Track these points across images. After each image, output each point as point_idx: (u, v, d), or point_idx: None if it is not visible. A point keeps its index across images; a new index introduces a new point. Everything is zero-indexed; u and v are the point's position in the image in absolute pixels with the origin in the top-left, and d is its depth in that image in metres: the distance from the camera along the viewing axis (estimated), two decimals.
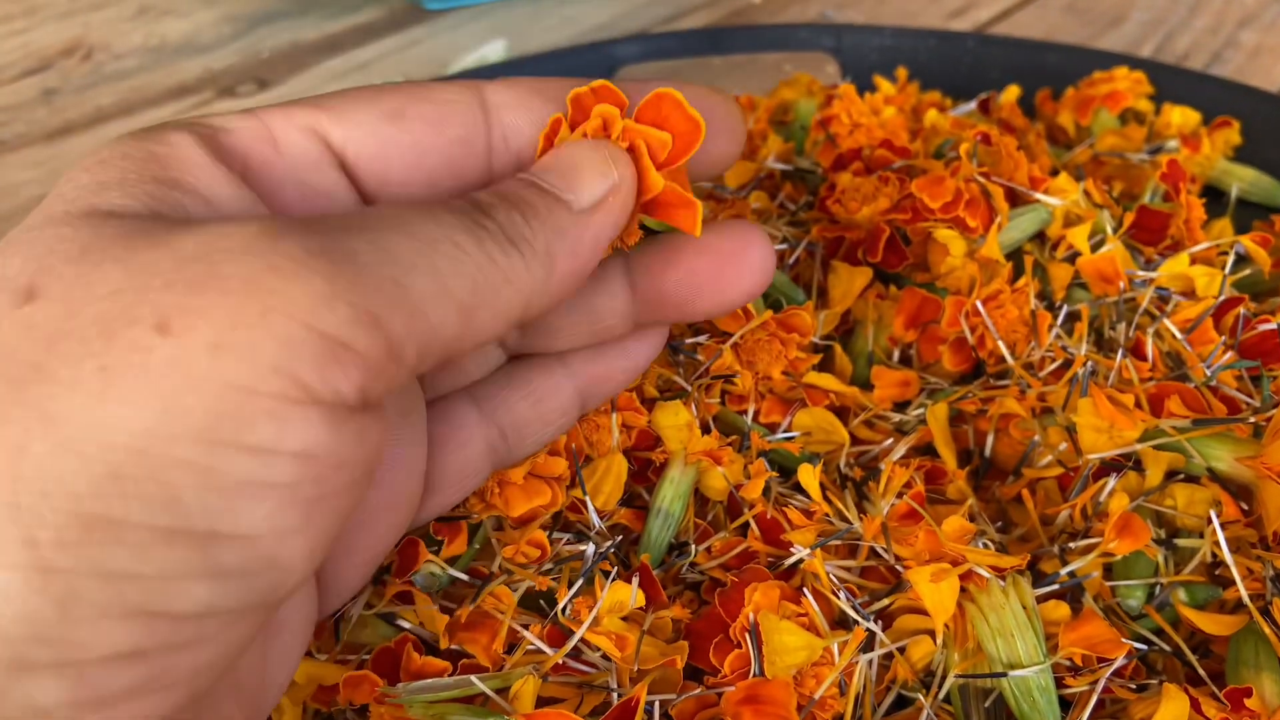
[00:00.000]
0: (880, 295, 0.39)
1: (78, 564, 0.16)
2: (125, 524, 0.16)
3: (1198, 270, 0.37)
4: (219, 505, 0.17)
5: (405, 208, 0.21)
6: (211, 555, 0.17)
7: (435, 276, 0.19)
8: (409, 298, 0.19)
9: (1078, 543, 0.31)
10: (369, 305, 0.18)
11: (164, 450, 0.16)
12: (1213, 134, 0.48)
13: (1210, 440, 0.32)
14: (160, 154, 0.22)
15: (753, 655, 0.27)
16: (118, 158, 0.21)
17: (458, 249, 0.20)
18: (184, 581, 0.17)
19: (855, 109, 0.44)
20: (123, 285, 0.17)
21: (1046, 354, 0.36)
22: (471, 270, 0.20)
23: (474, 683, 0.27)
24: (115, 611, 0.16)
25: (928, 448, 0.36)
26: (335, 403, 0.18)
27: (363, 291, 0.18)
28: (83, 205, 0.20)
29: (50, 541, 0.16)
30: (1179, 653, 0.30)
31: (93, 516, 0.16)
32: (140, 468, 0.16)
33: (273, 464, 0.17)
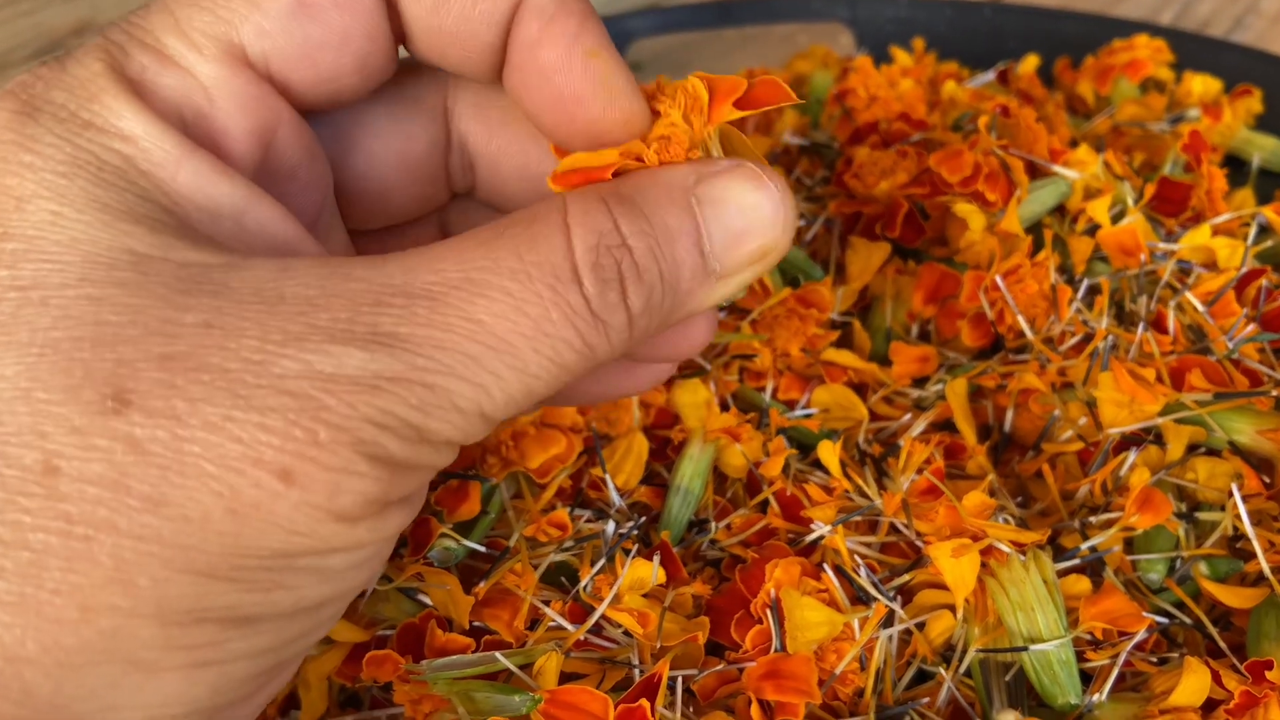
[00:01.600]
0: (899, 271, 0.39)
1: (229, 655, 0.19)
2: (264, 618, 0.19)
3: (1219, 242, 0.37)
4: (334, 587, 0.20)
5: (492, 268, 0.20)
6: (322, 616, 0.21)
7: (518, 380, 0.20)
8: (488, 415, 0.20)
9: (1098, 517, 0.31)
10: (444, 435, 0.20)
11: (290, 564, 0.19)
12: (1234, 102, 0.48)
13: (1232, 413, 0.32)
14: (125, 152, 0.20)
15: (774, 631, 0.27)
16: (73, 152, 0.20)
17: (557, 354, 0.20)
18: (302, 639, 0.20)
19: (872, 82, 0.43)
20: (229, 415, 0.18)
21: (1067, 328, 0.36)
22: (563, 373, 0.20)
23: (498, 659, 0.27)
24: (254, 676, 0.20)
25: (947, 423, 0.35)
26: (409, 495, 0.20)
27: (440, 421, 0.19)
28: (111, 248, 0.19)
29: (205, 645, 0.18)
30: (1200, 626, 0.30)
31: (238, 619, 0.18)
32: (273, 579, 0.19)
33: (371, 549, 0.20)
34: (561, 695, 0.26)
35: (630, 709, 0.25)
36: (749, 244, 0.21)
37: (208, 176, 0.21)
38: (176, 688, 0.18)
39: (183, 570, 0.18)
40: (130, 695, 0.18)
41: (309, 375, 0.18)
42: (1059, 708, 0.28)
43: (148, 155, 0.20)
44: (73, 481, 0.17)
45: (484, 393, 0.19)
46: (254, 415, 0.18)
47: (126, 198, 0.20)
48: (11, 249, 0.19)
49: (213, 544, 0.18)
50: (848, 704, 0.28)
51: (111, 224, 0.19)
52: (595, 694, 0.25)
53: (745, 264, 0.22)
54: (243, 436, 0.18)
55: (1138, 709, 0.28)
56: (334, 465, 0.18)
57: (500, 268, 0.20)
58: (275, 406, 0.18)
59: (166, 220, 0.20)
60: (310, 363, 0.18)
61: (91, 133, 0.20)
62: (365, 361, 0.18)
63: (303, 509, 0.18)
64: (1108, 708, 0.28)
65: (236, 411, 0.18)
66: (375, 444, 0.18)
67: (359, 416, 0.18)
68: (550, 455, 0.31)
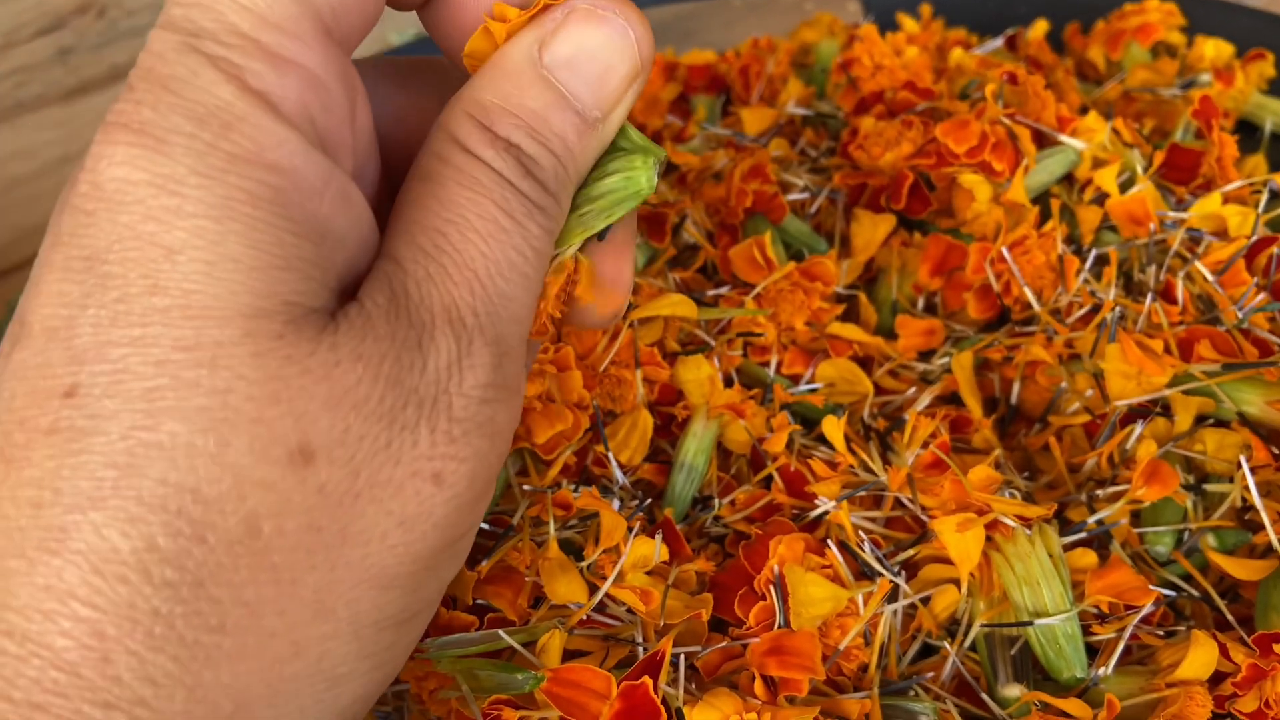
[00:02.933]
0: (904, 243, 0.38)
1: (396, 654, 0.21)
2: (422, 612, 0.22)
3: (1230, 210, 0.37)
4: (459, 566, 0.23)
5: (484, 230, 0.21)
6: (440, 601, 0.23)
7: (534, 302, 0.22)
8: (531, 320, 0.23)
9: (1105, 490, 0.31)
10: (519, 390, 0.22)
11: (439, 557, 0.21)
12: (1246, 67, 0.47)
13: (1241, 384, 0.32)
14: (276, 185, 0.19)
15: (777, 607, 0.27)
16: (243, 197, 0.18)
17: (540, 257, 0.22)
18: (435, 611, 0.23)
19: (878, 50, 0.43)
20: (391, 439, 0.20)
21: (1074, 299, 0.35)
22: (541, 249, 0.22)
23: (501, 637, 0.27)
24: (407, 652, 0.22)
25: (953, 397, 0.35)
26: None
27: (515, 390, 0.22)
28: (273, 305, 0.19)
29: (382, 649, 0.21)
30: (1207, 598, 0.30)
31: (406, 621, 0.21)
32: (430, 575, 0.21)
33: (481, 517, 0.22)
34: (564, 673, 0.26)
35: (633, 687, 0.25)
36: (613, 80, 0.22)
37: (339, 205, 0.20)
38: (362, 690, 0.21)
39: (370, 588, 0.20)
40: (328, 705, 0.20)
41: (440, 378, 0.20)
42: (1065, 681, 0.28)
43: (297, 185, 0.19)
44: (275, 535, 0.19)
45: (523, 328, 0.22)
46: (407, 434, 0.20)
47: (284, 239, 0.19)
48: (166, 305, 0.18)
49: (389, 558, 0.20)
50: (852, 679, 0.28)
51: (268, 272, 0.18)
52: (598, 672, 0.25)
53: (619, 96, 0.22)
54: (401, 456, 0.20)
55: (1144, 682, 0.28)
56: (470, 456, 0.20)
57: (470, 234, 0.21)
58: (420, 420, 0.20)
59: (314, 261, 0.19)
60: (433, 368, 0.20)
61: (240, 167, 0.18)
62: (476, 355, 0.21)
63: (452, 503, 0.20)
64: (1114, 681, 0.28)
65: (392, 434, 0.20)
66: (491, 424, 0.21)
67: (480, 400, 0.21)
68: (556, 431, 0.31)
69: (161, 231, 0.18)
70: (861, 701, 0.27)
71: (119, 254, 0.18)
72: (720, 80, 0.49)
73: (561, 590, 0.28)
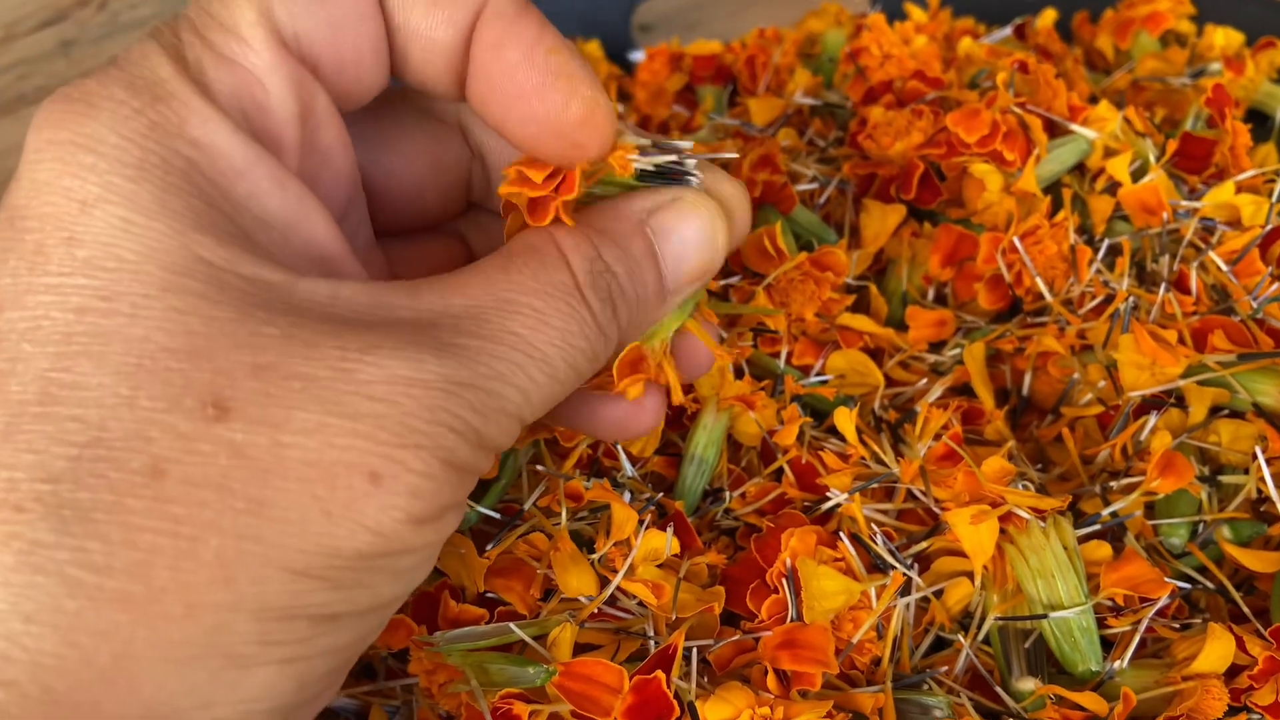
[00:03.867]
0: (914, 233, 0.38)
1: (315, 651, 0.20)
2: (347, 615, 0.20)
3: (1244, 199, 0.36)
4: (404, 585, 0.21)
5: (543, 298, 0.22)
6: (390, 612, 0.22)
7: (550, 385, 0.22)
8: (527, 415, 0.22)
9: (1119, 482, 0.31)
10: (498, 443, 0.21)
11: (370, 564, 0.20)
12: (1256, 55, 0.47)
13: (1255, 374, 0.31)
14: (192, 157, 0.20)
15: (790, 600, 0.27)
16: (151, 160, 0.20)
17: (572, 350, 0.22)
18: (372, 635, 0.21)
19: (885, 40, 0.42)
20: (324, 422, 0.19)
21: (1086, 289, 0.35)
22: (576, 373, 0.23)
23: (512, 630, 0.27)
24: (332, 670, 0.21)
25: (964, 388, 0.35)
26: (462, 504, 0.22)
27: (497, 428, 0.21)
28: (186, 259, 0.19)
29: (296, 641, 0.19)
30: (1223, 590, 0.30)
31: (325, 617, 0.19)
32: (355, 579, 0.19)
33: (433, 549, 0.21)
34: (576, 667, 0.25)
35: (645, 681, 0.25)
36: (692, 263, 0.25)
37: (265, 187, 0.21)
38: (268, 682, 0.19)
39: (281, 569, 0.18)
40: (226, 690, 0.19)
41: (391, 380, 0.20)
42: (1079, 675, 0.27)
43: (214, 162, 0.20)
44: (179, 484, 0.18)
45: (524, 397, 0.21)
46: (346, 421, 0.19)
47: (194, 204, 0.20)
48: (85, 256, 0.19)
49: (309, 544, 0.19)
50: (865, 673, 0.28)
51: (182, 233, 0.19)
52: (610, 666, 0.25)
53: (692, 280, 0.25)
54: (337, 442, 0.19)
55: (1160, 675, 0.27)
56: (415, 468, 0.19)
57: (524, 289, 0.22)
58: (365, 412, 0.19)
59: (230, 230, 0.20)
60: (391, 368, 0.20)
61: (160, 135, 0.20)
62: (439, 365, 0.20)
63: (387, 511, 0.19)
64: (1129, 674, 0.28)
65: (330, 418, 0.19)
66: (449, 449, 0.20)
67: (438, 422, 0.20)
68: None
69: (77, 185, 0.19)
70: (875, 695, 0.27)
71: (36, 208, 0.19)
72: (726, 71, 0.49)
73: (573, 582, 0.28)
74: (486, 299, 0.22)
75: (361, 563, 0.19)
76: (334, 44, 0.23)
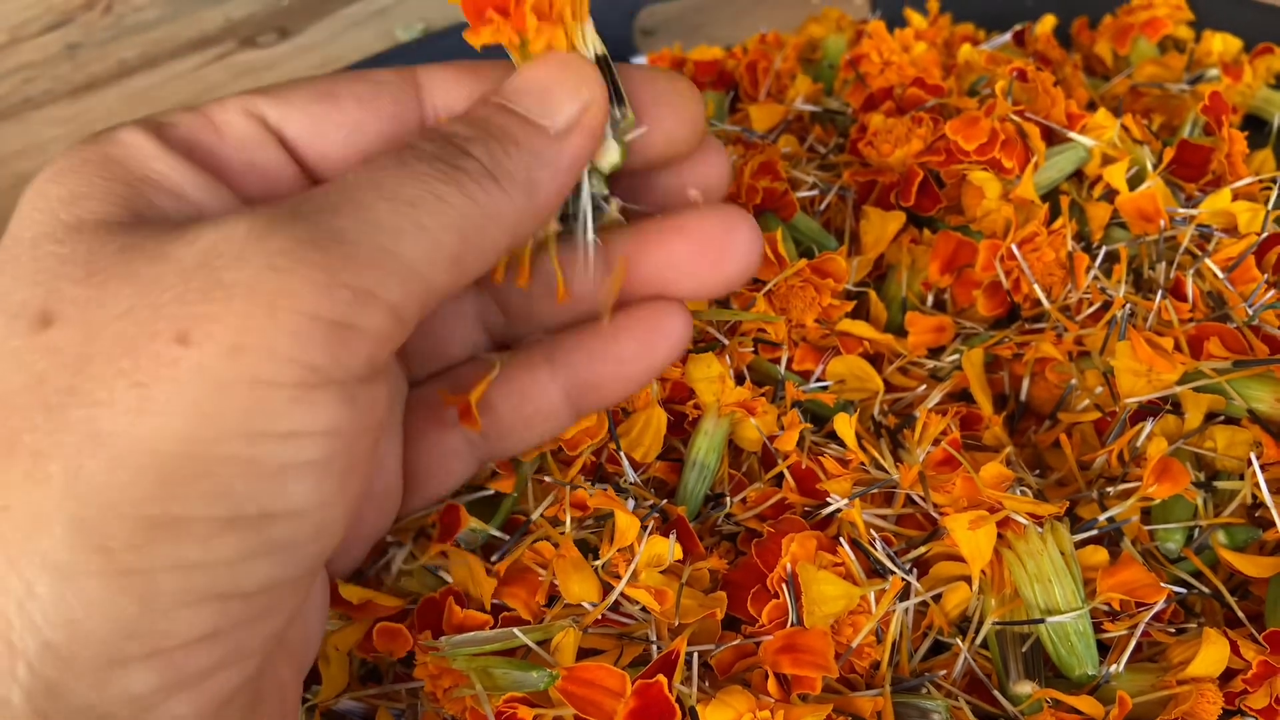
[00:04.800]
0: (914, 240, 0.38)
1: (151, 562, 0.17)
2: (188, 520, 0.18)
3: (1240, 206, 0.37)
4: (268, 489, 0.18)
5: (380, 169, 0.21)
6: (268, 535, 0.19)
7: (423, 234, 0.20)
8: (402, 263, 0.20)
9: (1116, 487, 0.31)
10: (365, 283, 0.19)
11: (209, 450, 0.18)
12: (1254, 61, 0.47)
13: (1251, 381, 0.32)
14: (118, 155, 0.22)
15: (790, 605, 0.27)
16: (79, 165, 0.22)
17: (441, 201, 0.21)
18: (248, 562, 0.19)
19: (886, 46, 0.43)
20: (135, 302, 0.18)
21: (1084, 296, 0.35)
22: (457, 219, 0.21)
23: (516, 635, 0.27)
24: (192, 599, 0.18)
25: (963, 394, 0.35)
26: (348, 379, 0.19)
27: (357, 271, 0.19)
28: (68, 219, 0.20)
29: (122, 547, 0.17)
30: (1218, 595, 0.30)
31: (157, 518, 0.17)
32: (191, 468, 0.18)
33: (307, 445, 0.19)
34: (579, 672, 0.26)
35: (647, 685, 0.25)
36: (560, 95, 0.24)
37: (178, 168, 0.22)
38: (98, 597, 0.17)
39: (97, 458, 0.17)
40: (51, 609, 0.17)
41: (206, 249, 0.19)
42: (1076, 679, 0.28)
43: (127, 150, 0.22)
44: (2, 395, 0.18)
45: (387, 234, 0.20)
46: (152, 295, 0.18)
47: (95, 182, 0.21)
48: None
49: (122, 423, 0.17)
50: (864, 676, 0.28)
51: (71, 201, 0.21)
52: (613, 670, 0.26)
53: (573, 115, 0.24)
54: (142, 316, 0.18)
55: (1155, 679, 0.28)
56: (230, 320, 0.18)
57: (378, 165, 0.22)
58: (172, 282, 0.18)
59: (123, 193, 0.21)
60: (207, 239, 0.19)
61: (94, 142, 0.22)
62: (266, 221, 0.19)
63: (204, 374, 0.17)
64: (1125, 678, 0.28)
65: (139, 298, 0.18)
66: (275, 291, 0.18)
67: (252, 269, 0.18)
68: (581, 428, 0.31)
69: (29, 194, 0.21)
70: (874, 699, 0.27)
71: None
72: (728, 76, 0.49)
73: (575, 589, 0.28)
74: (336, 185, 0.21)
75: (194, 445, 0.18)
76: (322, 140, 0.24)
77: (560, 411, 0.29)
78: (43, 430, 0.17)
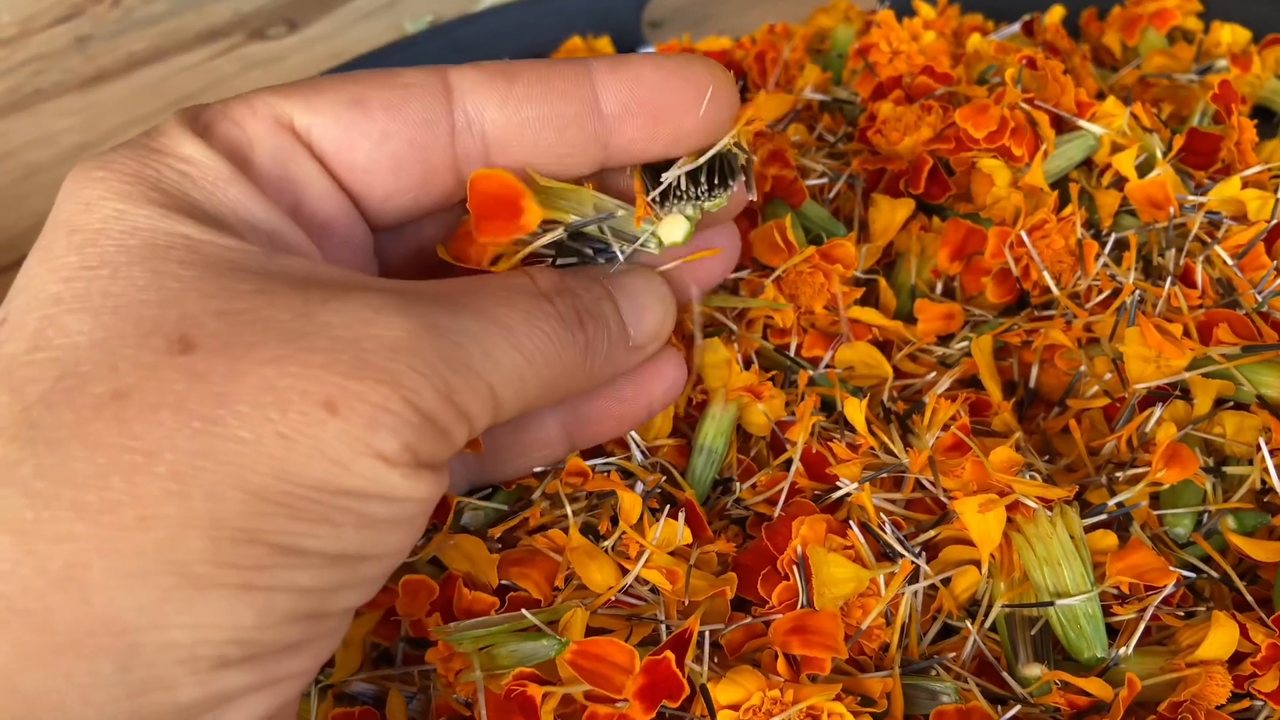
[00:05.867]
0: (923, 228, 0.38)
1: (273, 583, 0.20)
2: (307, 553, 0.20)
3: (1249, 194, 0.37)
4: (373, 537, 0.21)
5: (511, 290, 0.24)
6: (362, 571, 0.22)
7: (525, 385, 0.24)
8: (499, 401, 0.23)
9: (1125, 472, 0.31)
10: (468, 408, 0.22)
11: (333, 500, 0.20)
12: (1263, 52, 0.47)
13: (1260, 367, 0.32)
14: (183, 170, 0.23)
15: (800, 587, 0.28)
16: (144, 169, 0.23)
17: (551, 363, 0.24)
18: (342, 591, 0.21)
19: (895, 36, 0.43)
20: (281, 355, 0.20)
21: (1093, 283, 0.35)
22: (554, 375, 0.24)
23: (525, 616, 0.27)
24: (296, 616, 0.20)
25: (971, 380, 0.35)
26: (436, 464, 0.22)
27: (467, 398, 0.22)
28: (170, 233, 0.22)
29: (251, 567, 0.19)
30: (1227, 580, 0.30)
31: (284, 548, 0.20)
32: (317, 512, 0.20)
33: (405, 508, 0.22)
34: (589, 647, 0.26)
35: (656, 661, 0.25)
36: (651, 320, 0.28)
37: (250, 197, 0.23)
38: (223, 608, 0.19)
39: (235, 488, 0.19)
40: (178, 611, 0.19)
41: (353, 322, 0.21)
42: (1085, 661, 0.28)
43: (203, 174, 0.23)
44: (139, 407, 0.19)
45: (492, 361, 0.22)
46: (303, 354, 0.20)
47: (181, 202, 0.22)
48: (80, 240, 0.21)
49: (264, 465, 0.19)
50: (873, 658, 0.28)
51: (167, 216, 0.22)
52: (622, 646, 0.26)
53: (652, 337, 0.28)
54: (292, 370, 0.20)
55: (1164, 662, 0.28)
56: (373, 400, 0.20)
57: (490, 286, 0.24)
58: (323, 348, 0.20)
59: (213, 221, 0.22)
60: (354, 311, 0.21)
61: (157, 157, 0.23)
62: (404, 316, 0.21)
63: (344, 439, 0.20)
64: (1134, 661, 0.28)
65: (287, 350, 0.20)
66: (411, 389, 0.21)
67: (397, 360, 0.21)
68: None
69: (84, 192, 0.22)
70: (883, 680, 0.27)
71: (54, 217, 0.22)
72: (736, 67, 0.49)
73: (596, 577, 0.28)
74: (456, 287, 0.24)
75: (323, 495, 0.20)
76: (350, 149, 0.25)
77: (556, 443, 0.30)
78: (184, 453, 0.19)
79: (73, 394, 0.19)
